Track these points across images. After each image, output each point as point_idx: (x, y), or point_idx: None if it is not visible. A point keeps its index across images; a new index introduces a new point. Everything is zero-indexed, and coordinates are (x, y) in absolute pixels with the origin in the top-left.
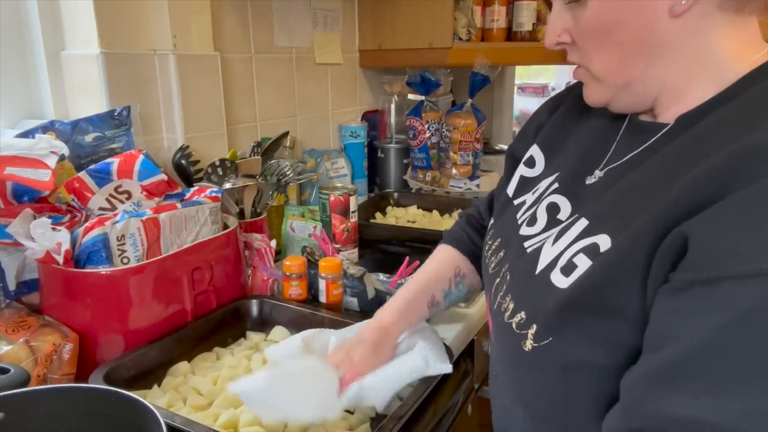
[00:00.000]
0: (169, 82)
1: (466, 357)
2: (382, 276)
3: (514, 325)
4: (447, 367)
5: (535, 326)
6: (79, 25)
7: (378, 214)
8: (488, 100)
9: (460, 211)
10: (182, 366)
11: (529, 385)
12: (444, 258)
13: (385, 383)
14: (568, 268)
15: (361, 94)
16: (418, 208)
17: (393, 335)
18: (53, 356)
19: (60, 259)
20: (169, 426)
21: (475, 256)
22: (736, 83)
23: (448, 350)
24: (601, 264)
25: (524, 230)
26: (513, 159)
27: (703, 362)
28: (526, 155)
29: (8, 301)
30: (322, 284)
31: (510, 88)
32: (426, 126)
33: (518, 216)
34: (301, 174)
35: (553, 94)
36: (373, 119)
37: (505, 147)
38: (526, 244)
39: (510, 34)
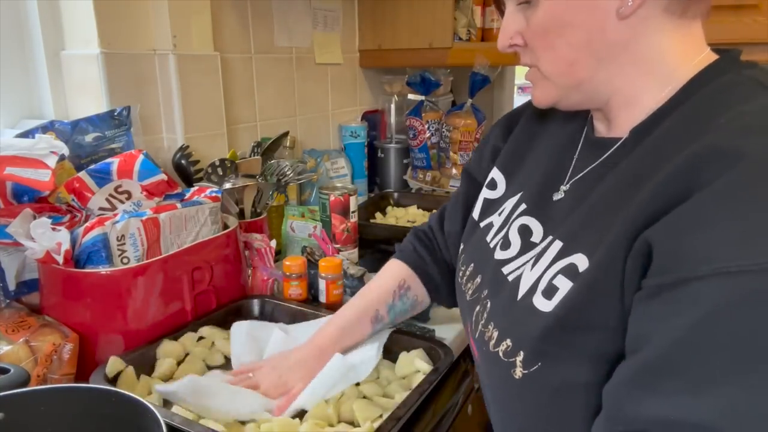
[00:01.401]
0: (169, 82)
1: (466, 357)
2: None
3: (501, 354)
4: (371, 359)
5: (522, 353)
6: (79, 25)
7: (378, 214)
8: (488, 100)
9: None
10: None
11: (522, 412)
12: (389, 272)
13: (314, 397)
14: (550, 291)
15: (361, 94)
16: (418, 208)
17: (329, 355)
18: (53, 356)
19: (60, 259)
20: (168, 426)
21: (421, 269)
22: (683, 88)
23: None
24: (583, 284)
25: (499, 254)
26: (470, 178)
27: (677, 362)
28: (488, 178)
29: (8, 301)
30: (322, 284)
31: (510, 88)
32: (426, 126)
33: (488, 239)
34: (301, 174)
35: None
36: (373, 119)
37: None
38: (505, 270)
39: None
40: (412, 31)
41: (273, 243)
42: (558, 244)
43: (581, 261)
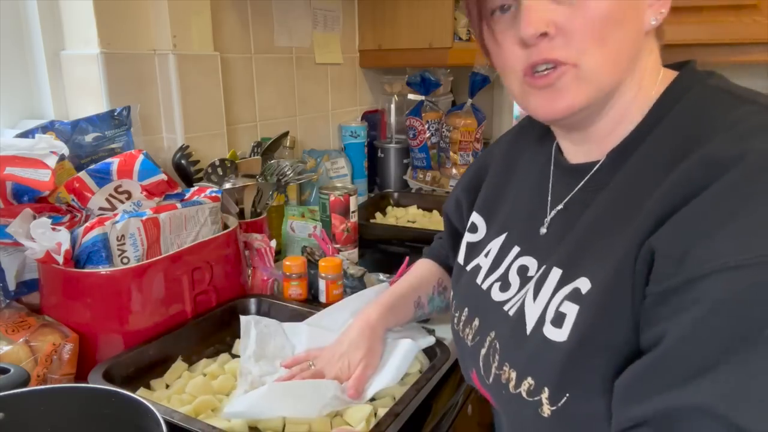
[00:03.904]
0: (168, 82)
1: None
2: (382, 276)
3: (524, 394)
4: (431, 339)
5: (547, 389)
6: (79, 25)
7: (378, 214)
8: (488, 100)
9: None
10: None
11: None
12: (427, 269)
13: (387, 377)
14: (558, 319)
15: (361, 94)
16: (418, 208)
17: (380, 331)
18: (53, 356)
19: (60, 259)
20: (168, 424)
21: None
22: (655, 107)
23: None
24: (590, 305)
25: (498, 296)
26: (449, 221)
27: (681, 355)
28: (468, 223)
29: (8, 301)
30: (322, 284)
31: None
32: (426, 126)
33: (479, 281)
34: (301, 174)
35: None
36: (373, 119)
37: None
38: (505, 307)
39: None
40: (412, 31)
41: (273, 243)
42: (557, 272)
43: (584, 284)
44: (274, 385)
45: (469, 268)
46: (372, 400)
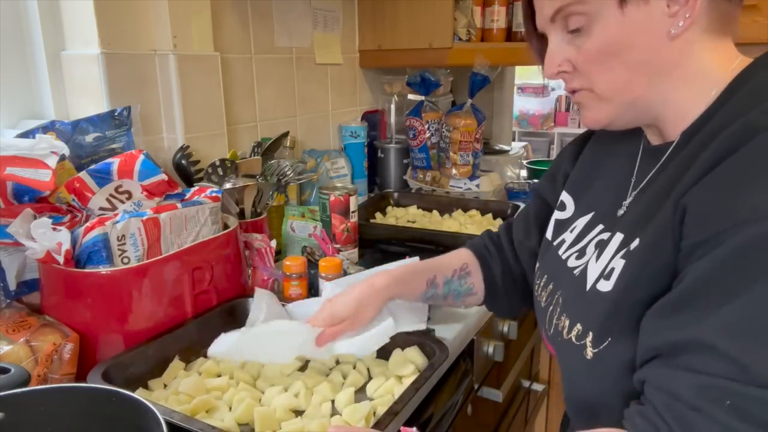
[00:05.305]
0: (169, 82)
1: (466, 357)
2: None
3: (573, 339)
4: (420, 326)
5: (591, 333)
6: (79, 25)
7: (378, 214)
8: (488, 100)
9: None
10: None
11: (596, 391)
12: (456, 254)
13: (354, 345)
14: (608, 274)
15: (361, 94)
16: (418, 208)
17: (381, 297)
18: (53, 356)
19: (60, 259)
20: (168, 424)
21: (484, 260)
22: (726, 90)
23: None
24: (635, 259)
25: (573, 263)
26: (540, 200)
27: (694, 294)
28: (558, 201)
29: (8, 301)
30: (322, 284)
31: (510, 88)
32: (426, 126)
33: (560, 252)
34: (301, 174)
35: (552, 94)
36: (373, 119)
37: (506, 147)
38: (575, 271)
39: (510, 35)
40: (412, 31)
41: (273, 243)
42: (619, 236)
43: (635, 243)
44: (252, 328)
45: (555, 243)
46: (370, 400)
